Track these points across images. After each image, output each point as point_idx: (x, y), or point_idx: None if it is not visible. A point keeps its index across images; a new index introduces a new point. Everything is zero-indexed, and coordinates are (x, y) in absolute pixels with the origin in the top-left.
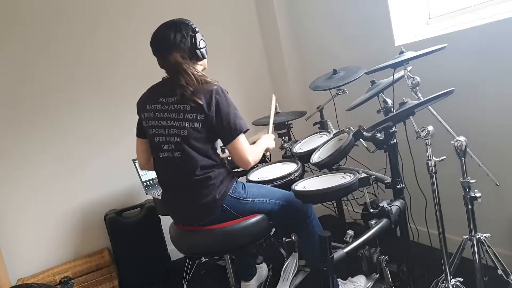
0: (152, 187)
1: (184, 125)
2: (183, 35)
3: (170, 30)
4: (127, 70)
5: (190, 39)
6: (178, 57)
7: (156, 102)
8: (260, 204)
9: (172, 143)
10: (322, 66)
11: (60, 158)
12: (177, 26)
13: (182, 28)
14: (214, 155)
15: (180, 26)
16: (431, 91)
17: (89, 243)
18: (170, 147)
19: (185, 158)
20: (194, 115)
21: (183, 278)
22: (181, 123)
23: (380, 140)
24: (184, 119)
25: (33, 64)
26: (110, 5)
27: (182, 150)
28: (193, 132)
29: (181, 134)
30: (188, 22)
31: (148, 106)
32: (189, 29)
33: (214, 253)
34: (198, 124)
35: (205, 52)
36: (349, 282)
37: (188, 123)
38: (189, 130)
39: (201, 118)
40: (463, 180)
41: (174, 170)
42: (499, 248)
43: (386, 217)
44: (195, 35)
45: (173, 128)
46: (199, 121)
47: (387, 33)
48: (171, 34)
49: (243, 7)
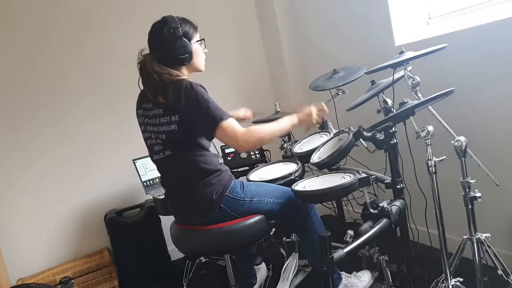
0: (152, 187)
1: (161, 130)
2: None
3: (153, 30)
4: (127, 71)
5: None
6: (147, 58)
7: (141, 108)
8: (258, 204)
9: (159, 145)
10: (322, 66)
11: (60, 158)
12: (158, 26)
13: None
14: (206, 153)
15: (161, 26)
16: (431, 91)
17: (89, 243)
18: (159, 148)
19: (174, 159)
20: (168, 118)
21: (183, 278)
22: (159, 128)
23: (380, 140)
24: (160, 123)
25: (32, 65)
26: (111, 4)
27: (167, 152)
28: (170, 136)
29: (162, 138)
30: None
31: (138, 111)
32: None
33: (214, 253)
34: (174, 126)
35: (188, 57)
36: (353, 276)
37: (164, 127)
38: (167, 134)
39: (176, 119)
40: (463, 180)
41: (168, 171)
42: (499, 248)
43: (386, 217)
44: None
45: (154, 133)
46: (174, 123)
47: (387, 33)
48: (152, 34)
49: (243, 7)
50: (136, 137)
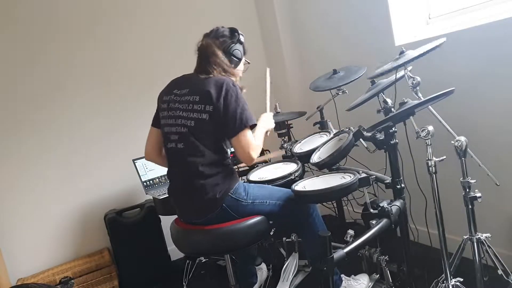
0: (152, 187)
1: (192, 116)
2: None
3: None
4: (127, 72)
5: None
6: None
7: (171, 94)
8: (260, 206)
9: (178, 134)
10: (322, 66)
11: (60, 158)
12: (231, 29)
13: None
14: (221, 151)
15: (232, 31)
16: (431, 91)
17: (89, 243)
18: (175, 138)
19: (189, 150)
20: (203, 106)
21: (183, 278)
22: (189, 114)
23: (380, 140)
24: (193, 109)
25: (31, 65)
26: (112, 5)
27: (186, 142)
28: (200, 124)
29: (188, 125)
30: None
31: (165, 97)
32: (235, 36)
33: (214, 253)
34: (206, 116)
35: (237, 60)
36: (352, 280)
37: (196, 114)
38: (196, 121)
39: (209, 109)
40: (463, 180)
41: (179, 161)
42: (499, 248)
43: (386, 217)
44: (235, 42)
45: (182, 119)
46: (206, 112)
47: (387, 33)
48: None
49: (243, 7)
50: (136, 137)
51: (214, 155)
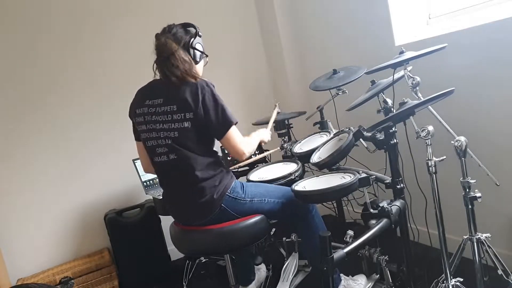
0: (152, 187)
1: (173, 127)
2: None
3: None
4: (127, 71)
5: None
6: (174, 44)
7: (143, 106)
8: (259, 204)
9: (165, 146)
10: (322, 66)
11: (60, 158)
12: (185, 24)
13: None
14: (211, 153)
15: (185, 26)
16: (431, 91)
17: (89, 243)
18: (164, 150)
19: (181, 160)
20: (182, 115)
21: (183, 278)
22: (170, 125)
23: (380, 140)
24: (173, 120)
25: (30, 65)
26: (109, 4)
27: (176, 152)
28: (183, 133)
29: (172, 136)
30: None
31: (137, 110)
32: (191, 30)
33: (214, 253)
34: (188, 123)
35: (198, 56)
36: (351, 280)
37: (177, 124)
38: (179, 131)
39: (190, 116)
40: (463, 180)
41: (172, 173)
42: (499, 248)
43: (386, 217)
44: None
45: (163, 131)
46: (188, 120)
47: (387, 33)
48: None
49: (243, 7)
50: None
51: (206, 158)
